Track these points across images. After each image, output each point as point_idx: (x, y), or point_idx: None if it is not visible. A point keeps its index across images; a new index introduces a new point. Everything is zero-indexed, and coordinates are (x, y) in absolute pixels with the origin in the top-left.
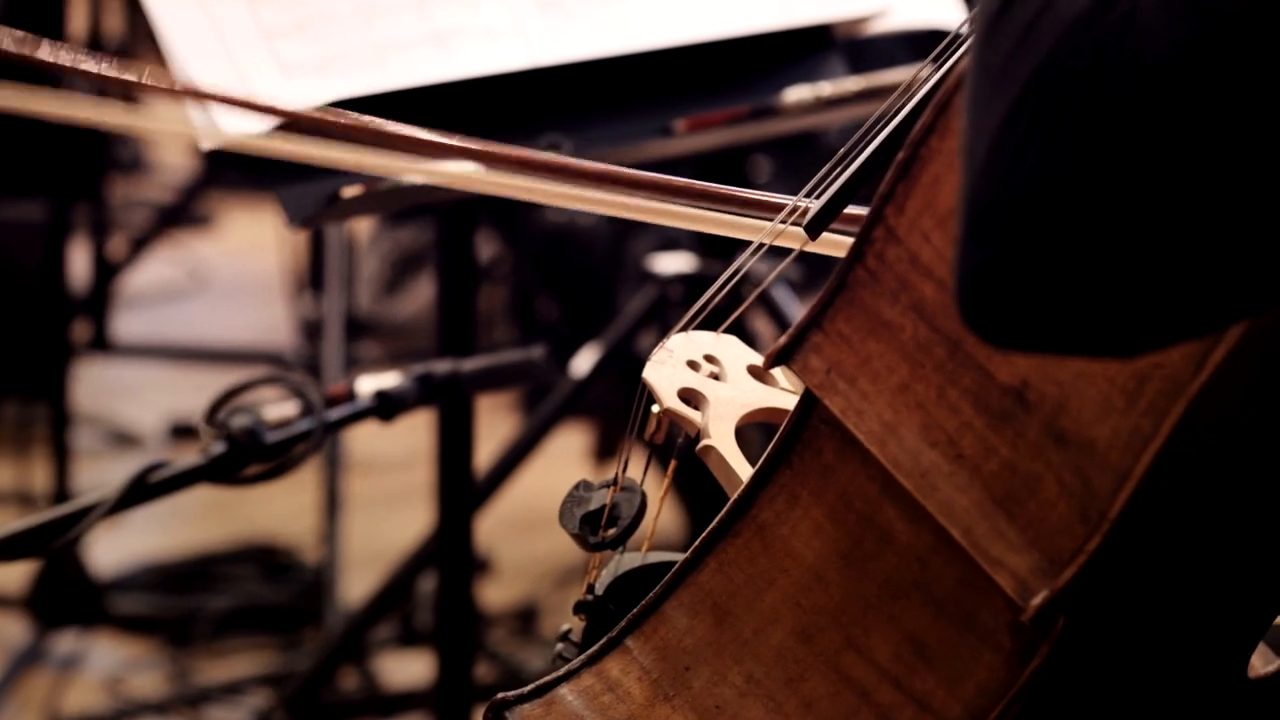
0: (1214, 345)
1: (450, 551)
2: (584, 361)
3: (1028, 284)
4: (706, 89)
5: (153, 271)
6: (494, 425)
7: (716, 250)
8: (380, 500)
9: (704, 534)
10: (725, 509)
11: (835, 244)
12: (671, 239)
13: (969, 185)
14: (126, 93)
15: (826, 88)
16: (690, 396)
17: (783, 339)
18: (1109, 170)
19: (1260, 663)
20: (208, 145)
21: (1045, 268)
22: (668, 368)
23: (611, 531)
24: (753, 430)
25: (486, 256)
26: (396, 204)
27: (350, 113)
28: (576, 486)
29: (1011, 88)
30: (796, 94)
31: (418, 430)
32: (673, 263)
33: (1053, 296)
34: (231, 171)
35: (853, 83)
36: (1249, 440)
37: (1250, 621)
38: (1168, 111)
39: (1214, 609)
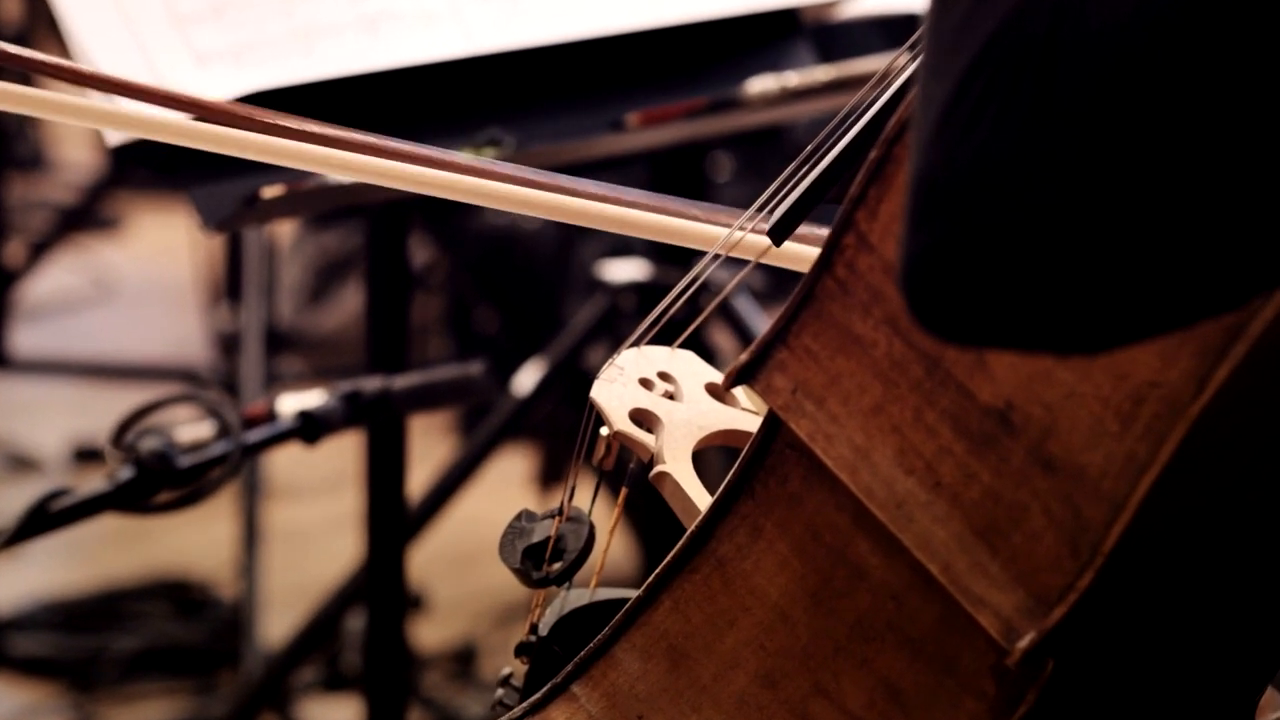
0: (1217, 363)
1: (380, 587)
2: (527, 378)
3: (977, 270)
4: (662, 79)
5: (54, 279)
6: (428, 448)
7: (672, 257)
8: (303, 530)
9: (658, 569)
10: (681, 542)
11: (799, 256)
12: (623, 244)
13: (916, 161)
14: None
15: (793, 78)
16: (643, 418)
17: (744, 356)
18: (1067, 145)
19: (1270, 708)
20: (114, 139)
21: (996, 252)
22: (618, 386)
23: (556, 566)
24: (713, 453)
25: (420, 262)
26: (321, 205)
27: (264, 110)
28: (518, 517)
29: (964, 55)
30: (760, 85)
31: (344, 454)
32: (625, 270)
33: (1004, 284)
34: (141, 170)
35: (822, 72)
36: (1254, 465)
37: (1257, 663)
38: (1131, 81)
39: (1218, 650)
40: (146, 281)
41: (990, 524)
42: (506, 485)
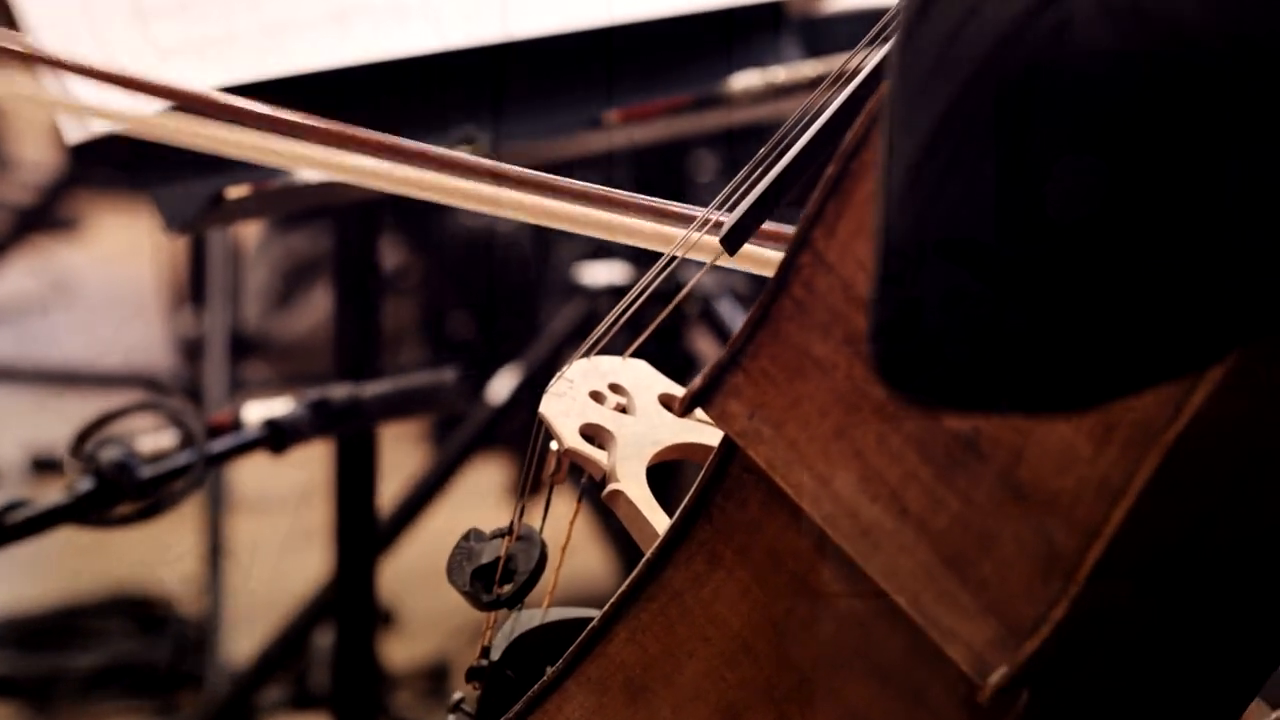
0: (1193, 387)
1: (349, 602)
2: (503, 386)
3: (949, 337)
4: (643, 75)
5: (10, 282)
6: (400, 458)
7: (654, 260)
8: (270, 544)
9: (613, 599)
10: (637, 569)
11: (763, 260)
12: (602, 247)
13: (885, 220)
14: None
15: (780, 73)
16: (594, 433)
17: (697, 380)
18: (1044, 206)
19: (1256, 716)
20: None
21: (968, 319)
22: (567, 400)
23: (507, 588)
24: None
25: (392, 265)
26: (288, 205)
27: (233, 97)
28: (466, 536)
29: (933, 106)
30: (746, 80)
31: (313, 464)
32: (604, 273)
33: (981, 350)
34: (101, 169)
35: (809, 68)
36: (1232, 491)
37: (1238, 686)
38: (1109, 135)
39: (1198, 676)
40: (107, 285)
41: (959, 552)
42: (481, 497)
